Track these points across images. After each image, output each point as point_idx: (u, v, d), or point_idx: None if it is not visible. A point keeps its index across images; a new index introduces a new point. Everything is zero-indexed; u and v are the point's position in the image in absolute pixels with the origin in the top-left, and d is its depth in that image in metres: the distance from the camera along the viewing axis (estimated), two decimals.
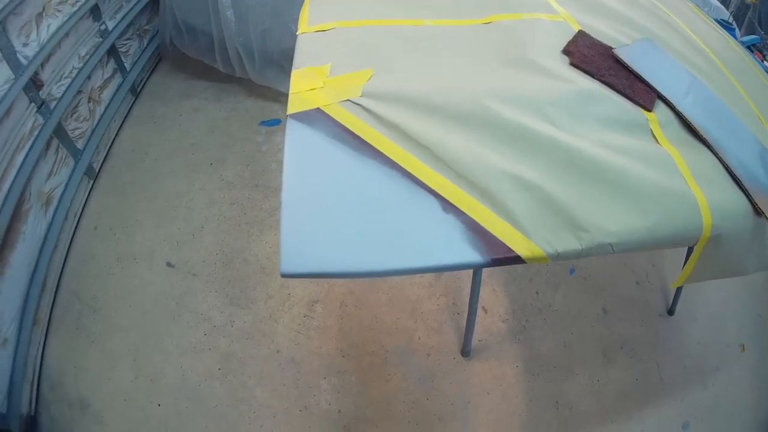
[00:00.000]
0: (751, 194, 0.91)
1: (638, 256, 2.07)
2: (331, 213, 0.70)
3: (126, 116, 2.06)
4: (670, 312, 1.92)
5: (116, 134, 1.98)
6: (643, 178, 0.83)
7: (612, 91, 1.00)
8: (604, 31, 1.21)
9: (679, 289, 1.90)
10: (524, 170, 0.77)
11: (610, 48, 1.11)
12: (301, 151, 0.78)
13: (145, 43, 2.23)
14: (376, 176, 0.73)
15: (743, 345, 2.08)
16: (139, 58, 2.15)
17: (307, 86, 0.89)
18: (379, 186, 0.72)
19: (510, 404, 1.48)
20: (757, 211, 0.91)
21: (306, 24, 1.13)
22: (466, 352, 1.48)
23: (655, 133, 0.95)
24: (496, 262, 0.68)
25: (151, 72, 2.28)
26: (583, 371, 1.63)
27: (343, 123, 0.81)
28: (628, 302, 1.83)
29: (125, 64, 2.06)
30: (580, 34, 1.15)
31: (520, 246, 0.68)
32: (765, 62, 2.45)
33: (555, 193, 0.75)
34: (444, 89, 0.91)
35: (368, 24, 1.12)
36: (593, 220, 0.73)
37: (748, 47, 2.26)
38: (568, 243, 0.70)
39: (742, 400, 2.01)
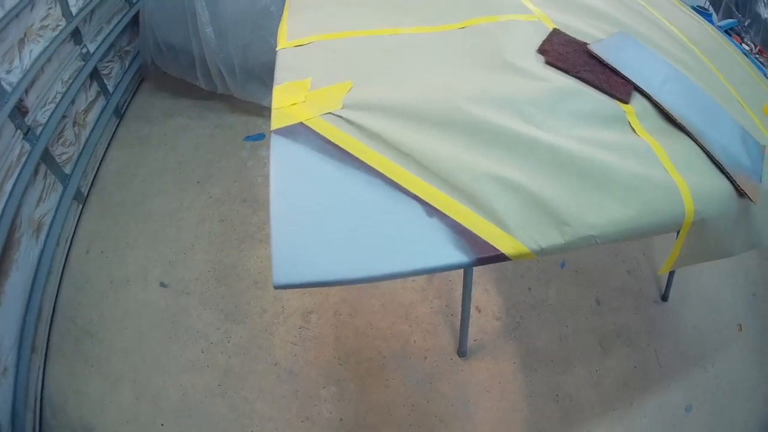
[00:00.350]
0: (733, 177, 0.94)
1: (628, 246, 2.10)
2: (318, 224, 0.73)
3: (111, 138, 2.08)
4: (664, 298, 1.95)
5: (103, 157, 2.00)
6: (623, 169, 0.86)
7: (588, 86, 1.03)
8: (579, 28, 1.24)
9: (671, 275, 1.94)
10: (505, 170, 0.80)
11: (585, 44, 1.15)
12: (286, 166, 0.80)
13: (127, 65, 2.25)
14: (360, 186, 0.76)
15: (740, 325, 2.11)
16: (121, 79, 2.18)
17: (289, 101, 0.92)
18: (363, 195, 0.75)
19: (510, 400, 1.51)
20: (740, 192, 0.94)
21: (285, 39, 1.16)
22: (462, 352, 1.51)
23: (633, 125, 0.98)
24: (481, 261, 0.71)
25: (134, 93, 2.31)
26: (580, 363, 1.66)
27: (325, 135, 0.84)
28: (621, 292, 1.86)
29: (108, 87, 2.08)
30: (555, 33, 1.19)
31: (505, 244, 0.71)
32: (743, 45, 2.49)
33: (537, 190, 0.78)
34: (422, 96, 0.94)
35: (346, 36, 1.15)
36: (575, 214, 0.76)
37: (726, 31, 2.30)
38: (551, 238, 0.73)
39: (744, 379, 2.04)
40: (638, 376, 1.78)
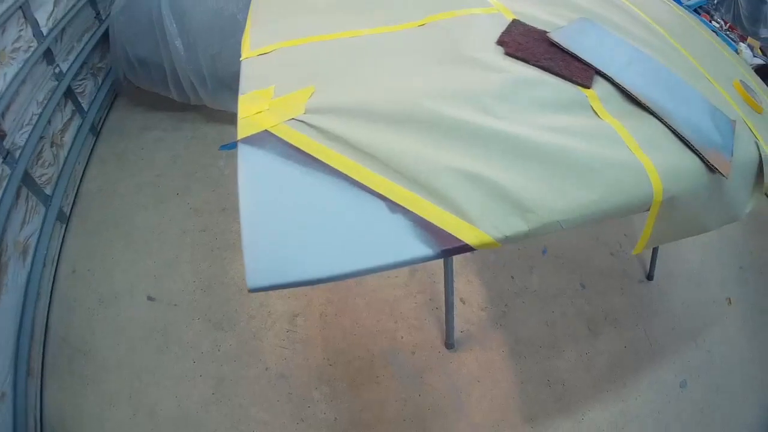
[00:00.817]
0: (703, 153, 0.97)
1: (610, 228, 2.13)
2: (287, 228, 0.76)
3: (90, 156, 2.12)
4: (649, 277, 1.99)
5: (82, 175, 2.04)
6: (586, 153, 0.88)
7: (549, 74, 1.05)
8: (540, 17, 1.26)
9: (654, 254, 1.97)
10: (466, 162, 0.82)
11: (545, 33, 1.17)
12: (253, 173, 0.83)
13: (100, 81, 2.28)
14: (325, 188, 0.79)
15: (729, 298, 2.15)
16: (95, 96, 2.21)
17: (253, 110, 0.95)
18: (329, 197, 0.78)
19: (502, 388, 1.55)
20: (711, 168, 0.96)
21: (248, 49, 1.19)
22: (449, 344, 1.54)
23: (595, 109, 1.00)
24: (446, 253, 0.74)
25: (109, 109, 2.34)
26: (570, 347, 1.70)
27: (290, 141, 0.87)
28: (605, 274, 1.90)
29: (83, 105, 2.11)
30: (514, 23, 1.21)
31: (467, 234, 0.74)
32: (713, 23, 2.50)
33: (499, 180, 0.80)
34: (383, 95, 0.97)
35: (308, 41, 1.18)
36: (538, 201, 0.79)
37: (695, 9, 2.31)
38: (515, 226, 0.76)
39: (736, 351, 2.08)
40: (629, 356, 1.81)
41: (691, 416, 1.70)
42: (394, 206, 0.76)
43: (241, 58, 1.15)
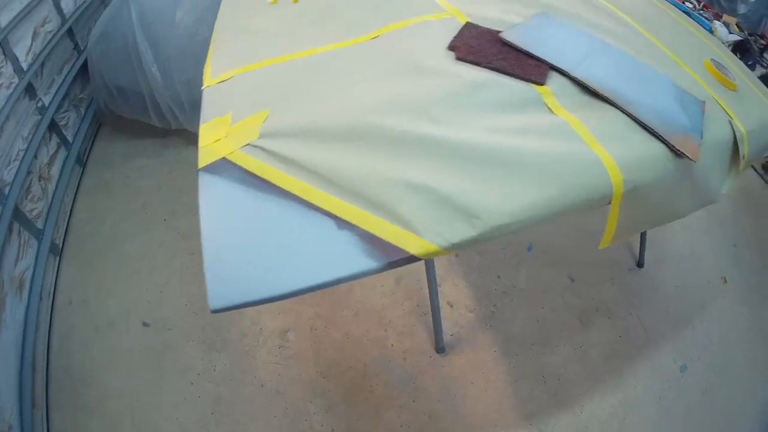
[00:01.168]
0: (668, 138, 0.97)
1: (595, 219, 2.12)
2: (244, 250, 0.79)
3: (78, 187, 2.18)
4: (640, 264, 2.00)
5: (72, 207, 2.10)
6: (538, 151, 0.88)
7: (501, 74, 1.06)
8: (496, 17, 1.27)
9: (642, 241, 1.97)
10: (410, 173, 0.84)
11: (498, 32, 1.17)
12: (213, 201, 0.87)
13: (83, 112, 2.34)
14: (279, 210, 0.83)
15: (724, 278, 2.15)
16: (79, 128, 2.26)
17: (213, 138, 0.98)
18: (282, 218, 0.82)
19: (496, 388, 1.58)
20: (677, 153, 0.97)
21: (209, 77, 1.22)
22: (440, 348, 1.57)
23: (549, 105, 1.00)
24: (392, 265, 0.76)
25: (94, 139, 2.40)
26: (562, 342, 1.72)
27: (245, 167, 0.90)
28: (593, 265, 1.91)
29: (67, 137, 2.17)
30: (467, 27, 1.22)
31: (412, 245, 0.76)
32: (686, 3, 2.50)
33: (444, 187, 0.82)
34: (333, 114, 0.99)
35: (263, 65, 1.20)
36: (484, 205, 0.80)
37: None
38: (461, 232, 0.78)
39: (736, 330, 2.08)
40: (624, 345, 1.83)
41: (695, 399, 1.72)
42: (342, 223, 0.79)
43: (202, 87, 1.18)
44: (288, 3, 1.45)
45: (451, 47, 1.12)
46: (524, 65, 1.07)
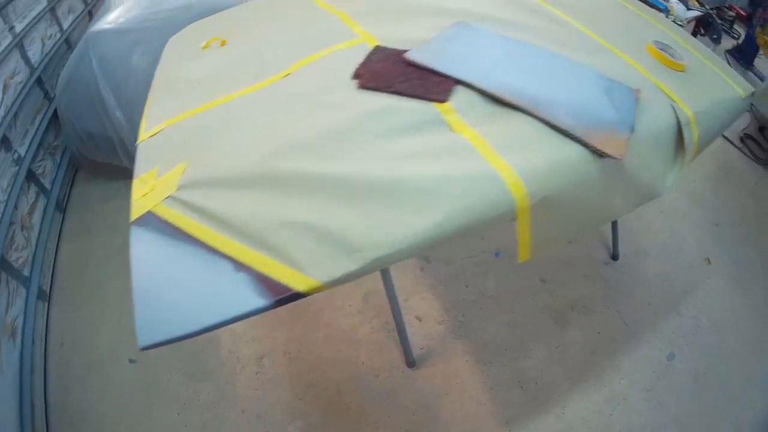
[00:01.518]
0: (586, 138, 0.93)
1: None
2: (164, 294, 0.86)
3: (60, 233, 2.28)
4: (614, 257, 1.99)
5: (56, 252, 2.20)
6: (429, 174, 0.87)
7: (403, 97, 1.05)
8: (409, 35, 1.24)
9: (615, 231, 1.95)
10: (299, 213, 0.88)
11: (404, 52, 1.15)
12: (141, 251, 0.92)
13: (59, 159, 2.44)
14: (189, 255, 0.88)
15: (708, 259, 2.14)
16: (56, 175, 2.37)
17: (142, 192, 1.04)
18: (191, 262, 0.88)
19: (471, 397, 1.62)
20: (599, 153, 0.94)
21: (144, 132, 1.26)
22: (411, 363, 1.63)
23: (450, 123, 0.98)
24: (280, 302, 0.81)
25: (71, 185, 2.51)
26: (537, 345, 1.75)
27: (165, 218, 0.96)
28: (566, 263, 1.93)
29: (45, 185, 2.27)
30: (375, 51, 1.19)
31: (298, 282, 0.81)
32: None
33: (328, 224, 0.85)
34: (238, 161, 1.02)
35: (186, 116, 1.23)
36: (365, 238, 0.82)
37: None
38: (343, 267, 0.81)
39: (724, 310, 2.08)
40: (605, 341, 1.84)
41: (686, 386, 1.72)
42: (239, 265, 0.85)
43: (136, 143, 1.23)
44: (217, 48, 1.49)
45: (356, 75, 1.11)
46: (427, 84, 1.04)
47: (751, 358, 2.00)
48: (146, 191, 1.03)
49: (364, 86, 1.08)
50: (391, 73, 1.09)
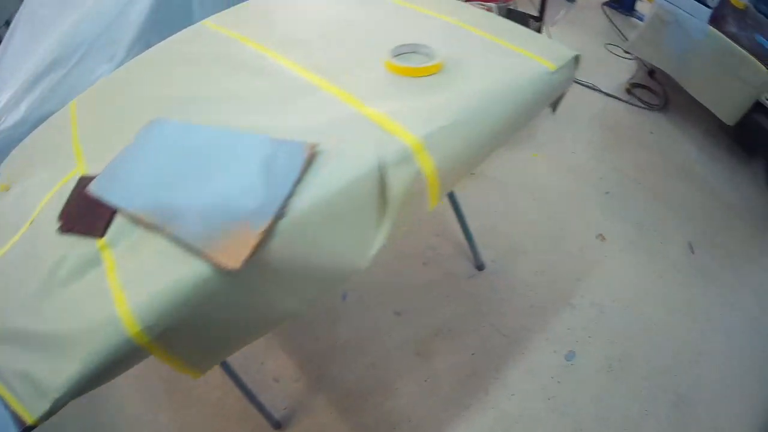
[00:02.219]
0: (205, 250, 0.81)
1: (414, 237, 1.98)
2: None
3: None
4: (479, 267, 1.88)
5: None
6: (66, 327, 0.85)
7: (80, 236, 0.95)
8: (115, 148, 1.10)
9: (470, 240, 1.84)
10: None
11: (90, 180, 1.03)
12: None
13: None
14: None
15: (600, 234, 1.96)
16: None
17: None
18: None
19: None
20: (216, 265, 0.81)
21: None
22: (275, 424, 1.67)
23: (103, 258, 0.91)
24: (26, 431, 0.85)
25: None
26: (403, 382, 1.71)
27: None
28: (423, 289, 1.86)
29: None
30: (80, 182, 1.04)
31: (27, 416, 0.82)
32: None
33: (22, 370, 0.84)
34: None
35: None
36: (50, 383, 0.81)
37: None
38: (40, 408, 0.81)
39: (627, 288, 1.93)
40: (482, 359, 1.76)
41: (598, 381, 1.64)
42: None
43: None
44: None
45: (60, 216, 1.01)
46: (92, 216, 0.96)
47: (672, 327, 1.80)
48: None
49: (61, 230, 0.99)
50: (83, 208, 1.00)
